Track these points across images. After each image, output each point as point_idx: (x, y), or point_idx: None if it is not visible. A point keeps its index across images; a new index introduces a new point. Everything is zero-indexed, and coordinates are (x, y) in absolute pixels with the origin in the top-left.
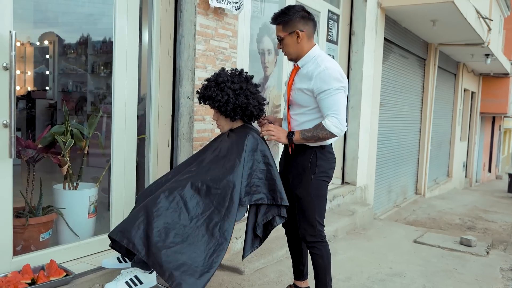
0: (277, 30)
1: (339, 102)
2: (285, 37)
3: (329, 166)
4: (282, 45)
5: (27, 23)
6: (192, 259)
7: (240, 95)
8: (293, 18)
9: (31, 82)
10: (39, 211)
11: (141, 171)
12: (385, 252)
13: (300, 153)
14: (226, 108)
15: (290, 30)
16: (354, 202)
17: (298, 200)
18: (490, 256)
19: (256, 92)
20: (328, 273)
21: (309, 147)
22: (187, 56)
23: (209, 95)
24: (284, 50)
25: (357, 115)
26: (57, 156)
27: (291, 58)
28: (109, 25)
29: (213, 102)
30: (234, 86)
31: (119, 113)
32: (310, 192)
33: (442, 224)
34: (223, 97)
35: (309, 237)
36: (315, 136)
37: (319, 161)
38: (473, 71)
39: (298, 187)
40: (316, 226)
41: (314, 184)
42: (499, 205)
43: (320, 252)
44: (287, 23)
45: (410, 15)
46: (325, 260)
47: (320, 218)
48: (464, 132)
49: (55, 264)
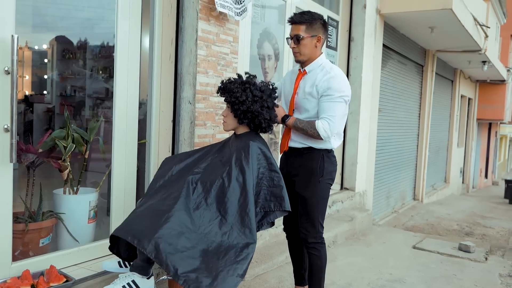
0: (297, 29)
1: (337, 109)
2: (306, 38)
3: (334, 169)
4: (298, 44)
5: (25, 27)
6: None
7: (257, 102)
8: (318, 22)
9: (29, 86)
10: (39, 216)
11: (142, 176)
12: (384, 257)
13: (308, 156)
14: (239, 107)
15: (313, 33)
16: (353, 207)
17: (304, 201)
18: (489, 262)
19: (271, 108)
20: (323, 274)
21: (317, 151)
22: (189, 61)
23: (231, 88)
24: (299, 49)
25: (356, 120)
26: (57, 161)
27: (301, 59)
28: (108, 30)
29: (230, 97)
30: (256, 92)
31: (120, 118)
32: (316, 193)
33: (440, 230)
34: (241, 96)
35: (311, 238)
36: (304, 130)
37: (326, 164)
38: (470, 77)
39: (305, 189)
40: (317, 228)
41: (321, 186)
42: (496, 211)
43: (319, 253)
44: (311, 25)
45: (409, 22)
46: (322, 261)
47: (321, 219)
48: (461, 138)
49: (55, 269)
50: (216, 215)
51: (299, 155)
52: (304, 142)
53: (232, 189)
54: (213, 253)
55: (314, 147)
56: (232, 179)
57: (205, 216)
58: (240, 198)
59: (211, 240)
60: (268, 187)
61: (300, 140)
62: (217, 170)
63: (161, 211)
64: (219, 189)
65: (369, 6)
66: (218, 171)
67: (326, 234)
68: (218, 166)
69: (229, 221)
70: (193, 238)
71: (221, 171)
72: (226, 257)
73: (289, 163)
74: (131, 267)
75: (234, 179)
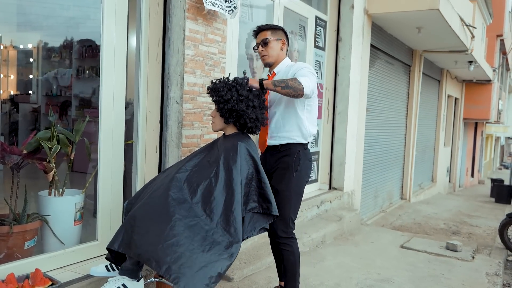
0: (264, 35)
1: (310, 76)
2: (272, 41)
3: (309, 166)
4: (266, 47)
5: (10, 25)
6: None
7: (242, 101)
8: (280, 30)
9: (14, 86)
10: (23, 218)
11: (129, 177)
12: (373, 257)
13: (285, 153)
14: (223, 106)
15: (277, 37)
16: (342, 207)
17: (277, 194)
18: (476, 261)
19: (258, 108)
20: (298, 269)
21: (294, 147)
22: (176, 61)
23: (217, 88)
24: (266, 52)
25: (344, 121)
26: (42, 162)
27: (269, 61)
28: (94, 29)
29: (215, 96)
30: (242, 91)
31: (106, 118)
32: (290, 187)
33: (428, 229)
34: (226, 95)
35: (280, 232)
36: (284, 82)
37: (302, 160)
38: (456, 77)
39: (280, 182)
40: (288, 223)
41: (295, 180)
42: (483, 210)
43: (291, 248)
44: (275, 31)
45: (396, 22)
46: (295, 256)
47: (293, 215)
48: (448, 137)
49: (40, 273)
50: (201, 213)
51: (277, 152)
52: (280, 135)
53: (219, 188)
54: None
55: (291, 143)
56: (220, 178)
57: (191, 213)
58: (226, 197)
59: (196, 232)
60: (256, 189)
61: (276, 134)
62: (205, 170)
63: (160, 221)
64: (206, 189)
65: (356, 6)
66: (205, 172)
67: (314, 234)
68: (205, 166)
69: (214, 220)
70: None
71: (209, 171)
72: (210, 252)
73: (267, 161)
74: (120, 271)
75: (221, 178)
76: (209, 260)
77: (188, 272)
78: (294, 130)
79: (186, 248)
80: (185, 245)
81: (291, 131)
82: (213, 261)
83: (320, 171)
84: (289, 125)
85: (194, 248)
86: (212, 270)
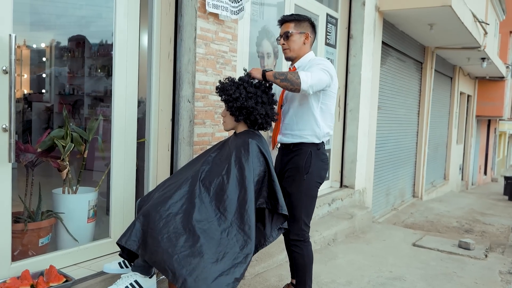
0: (286, 27)
1: (319, 72)
2: (294, 34)
3: (322, 167)
4: (287, 41)
5: (23, 25)
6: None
7: (251, 98)
8: (306, 21)
9: (27, 85)
10: (38, 216)
11: (141, 175)
12: (384, 255)
13: (296, 153)
14: (233, 104)
15: (301, 30)
16: (353, 205)
17: (289, 196)
18: (489, 259)
19: (267, 103)
20: (308, 273)
21: (305, 147)
22: (188, 59)
23: (225, 87)
24: (288, 45)
25: (356, 118)
26: (56, 160)
27: (290, 55)
28: (106, 28)
29: (224, 95)
30: (250, 89)
31: (119, 117)
32: (301, 190)
33: (440, 227)
34: (235, 93)
35: (292, 235)
36: (284, 74)
37: (313, 160)
38: (469, 74)
39: (291, 184)
40: (300, 225)
41: (306, 183)
42: (496, 208)
43: (301, 251)
44: (299, 23)
45: (408, 19)
46: (305, 260)
47: (306, 218)
48: (460, 135)
49: (54, 269)
50: (215, 213)
51: (290, 152)
52: (292, 132)
53: (232, 186)
54: (212, 252)
55: (303, 142)
56: (232, 176)
57: (204, 214)
58: (239, 195)
59: (210, 237)
60: (266, 186)
61: (289, 132)
62: (217, 168)
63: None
64: (218, 187)
65: (368, 3)
66: (217, 170)
67: (325, 232)
68: (217, 164)
69: (229, 218)
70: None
71: (220, 169)
72: (225, 259)
73: (282, 160)
74: (133, 267)
75: (233, 176)
76: (224, 268)
77: (202, 285)
78: (307, 129)
79: (201, 258)
80: (199, 255)
81: (303, 130)
82: (227, 268)
83: (332, 169)
84: (302, 123)
85: (208, 257)
86: (228, 277)
